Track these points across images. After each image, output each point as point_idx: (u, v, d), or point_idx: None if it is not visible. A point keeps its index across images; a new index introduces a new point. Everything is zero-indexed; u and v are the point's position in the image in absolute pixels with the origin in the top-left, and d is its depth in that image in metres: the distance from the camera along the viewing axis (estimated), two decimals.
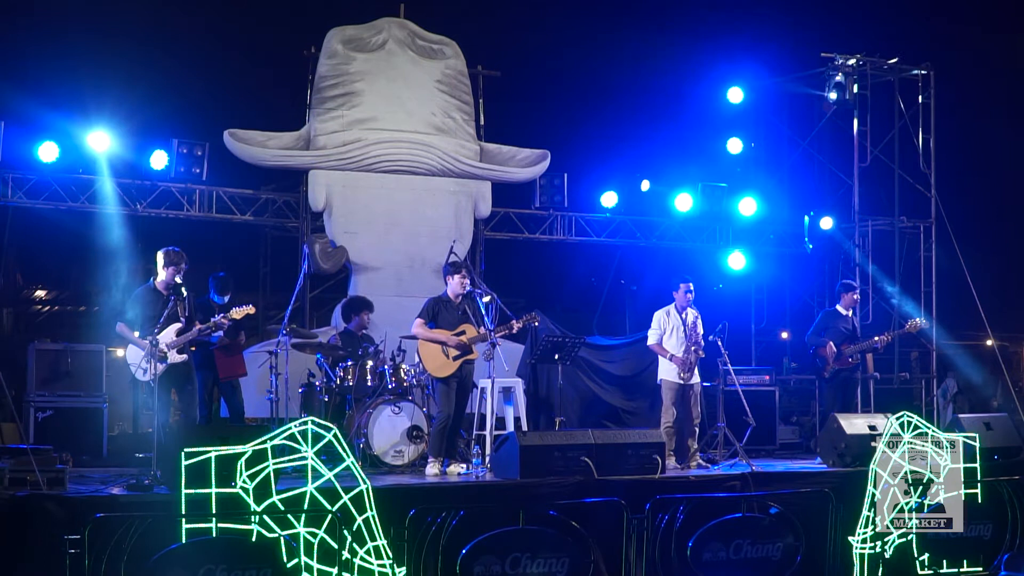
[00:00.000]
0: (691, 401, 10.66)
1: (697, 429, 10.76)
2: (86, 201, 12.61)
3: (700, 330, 10.74)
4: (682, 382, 10.61)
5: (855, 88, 14.85)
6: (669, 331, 10.74)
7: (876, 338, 11.68)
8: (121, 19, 13.34)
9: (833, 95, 14.90)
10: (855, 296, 11.92)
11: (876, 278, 14.86)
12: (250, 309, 9.68)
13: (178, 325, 9.20)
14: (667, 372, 10.73)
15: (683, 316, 10.74)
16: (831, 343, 11.56)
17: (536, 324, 10.86)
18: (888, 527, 8.79)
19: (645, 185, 15.06)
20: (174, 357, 9.19)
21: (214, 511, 7.02)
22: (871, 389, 14.32)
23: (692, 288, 10.81)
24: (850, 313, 11.87)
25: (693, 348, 10.60)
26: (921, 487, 8.79)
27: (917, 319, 11.95)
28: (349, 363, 10.59)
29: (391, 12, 13.75)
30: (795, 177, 15.92)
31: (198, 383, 9.78)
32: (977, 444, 9.23)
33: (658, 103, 15.68)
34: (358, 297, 11.89)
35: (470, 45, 14.02)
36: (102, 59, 12.98)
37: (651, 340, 10.87)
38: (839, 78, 14.80)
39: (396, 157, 13.48)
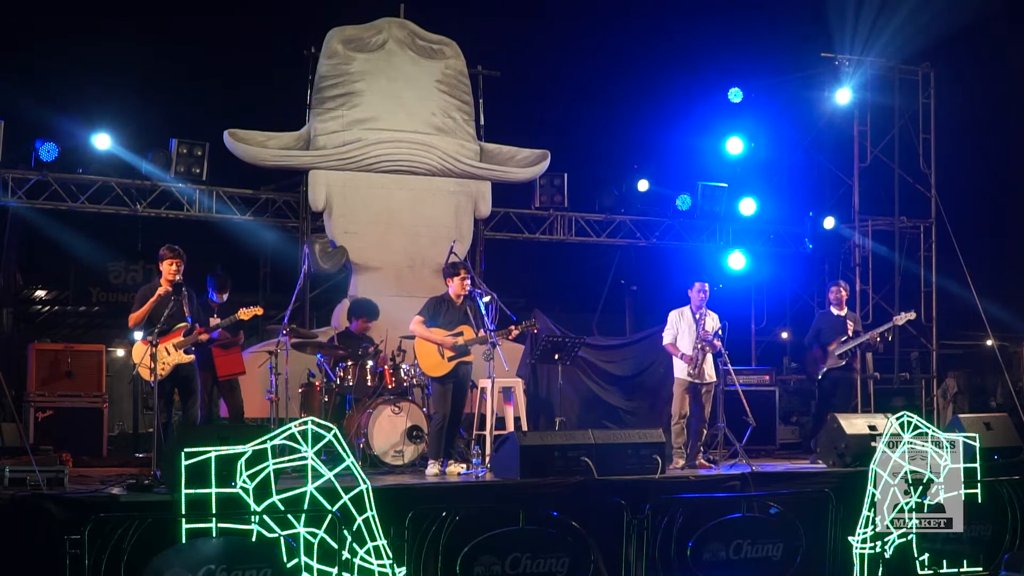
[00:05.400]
0: (703, 400, 10.69)
1: (705, 430, 10.78)
2: (86, 201, 12.61)
3: (713, 328, 10.76)
4: (691, 379, 10.64)
5: (855, 88, 14.87)
6: (682, 331, 10.79)
7: (870, 334, 11.73)
8: (121, 19, 13.33)
9: (834, 95, 14.92)
10: (838, 292, 11.88)
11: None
12: (258, 310, 9.70)
13: (185, 324, 9.20)
14: (679, 371, 10.77)
15: (697, 317, 10.77)
16: (817, 346, 11.61)
17: (535, 331, 10.86)
18: (888, 527, 8.80)
19: (643, 185, 15.05)
20: (180, 357, 9.19)
21: (214, 511, 7.02)
22: (871, 389, 14.34)
23: (707, 288, 10.85)
24: (844, 311, 11.84)
25: (699, 345, 10.64)
26: (921, 487, 8.79)
27: (903, 312, 12.00)
28: (349, 363, 10.60)
29: (391, 12, 13.74)
30: (795, 177, 15.92)
31: (199, 383, 9.77)
32: (977, 444, 9.24)
33: (658, 103, 15.67)
34: (367, 302, 11.85)
35: (470, 45, 14.00)
36: (102, 59, 12.98)
37: (665, 340, 10.94)
38: (839, 78, 14.82)
39: (396, 157, 13.47)
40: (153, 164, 12.62)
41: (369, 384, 10.55)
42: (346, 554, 7.22)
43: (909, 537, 8.86)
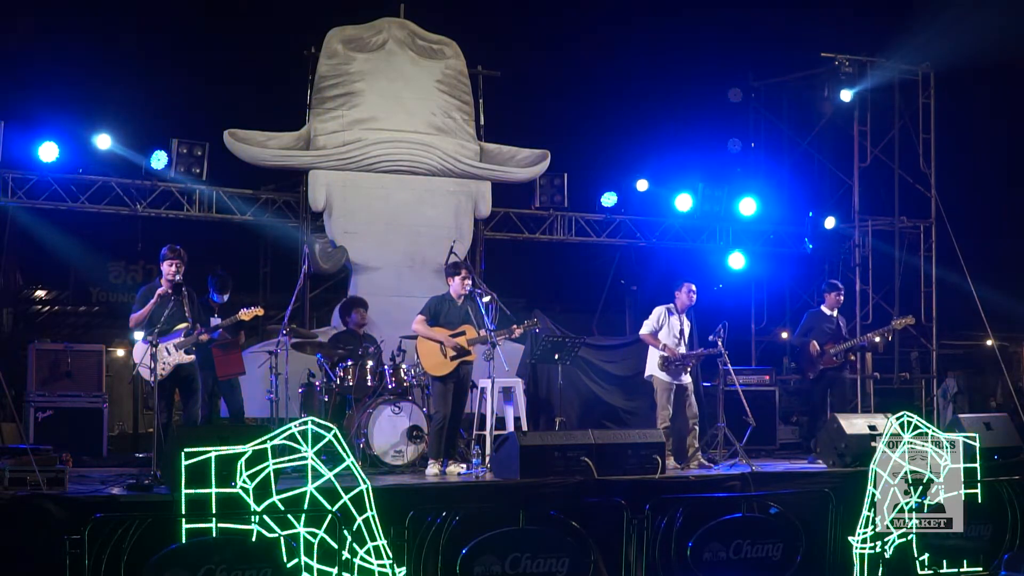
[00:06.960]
0: (686, 400, 10.69)
1: (697, 428, 10.77)
2: (86, 201, 12.61)
3: (687, 332, 10.85)
4: (673, 381, 10.64)
5: (855, 88, 14.87)
6: (665, 328, 10.79)
7: (867, 336, 11.72)
8: (121, 19, 13.33)
9: (835, 95, 14.91)
10: (839, 297, 11.93)
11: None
12: (259, 311, 9.71)
13: (185, 324, 9.20)
14: (655, 369, 10.76)
15: (681, 319, 10.80)
16: (814, 343, 11.61)
17: (537, 330, 10.87)
18: (888, 527, 8.80)
19: (642, 185, 15.05)
20: (181, 357, 9.18)
21: (214, 511, 7.03)
22: (871, 389, 14.34)
23: (695, 288, 10.86)
24: (835, 313, 11.88)
25: (699, 352, 10.70)
26: (921, 487, 8.79)
27: (902, 317, 11.97)
28: (349, 363, 10.61)
29: (391, 12, 13.73)
30: (795, 177, 15.93)
31: (200, 383, 9.77)
32: (977, 444, 9.24)
33: (658, 103, 15.67)
34: (352, 297, 11.92)
35: (470, 45, 14.00)
36: (102, 59, 12.98)
37: (644, 330, 10.90)
38: (840, 78, 14.82)
39: (396, 157, 13.47)
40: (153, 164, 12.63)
41: (369, 384, 10.55)
42: (346, 554, 7.22)
43: (909, 537, 8.86)
